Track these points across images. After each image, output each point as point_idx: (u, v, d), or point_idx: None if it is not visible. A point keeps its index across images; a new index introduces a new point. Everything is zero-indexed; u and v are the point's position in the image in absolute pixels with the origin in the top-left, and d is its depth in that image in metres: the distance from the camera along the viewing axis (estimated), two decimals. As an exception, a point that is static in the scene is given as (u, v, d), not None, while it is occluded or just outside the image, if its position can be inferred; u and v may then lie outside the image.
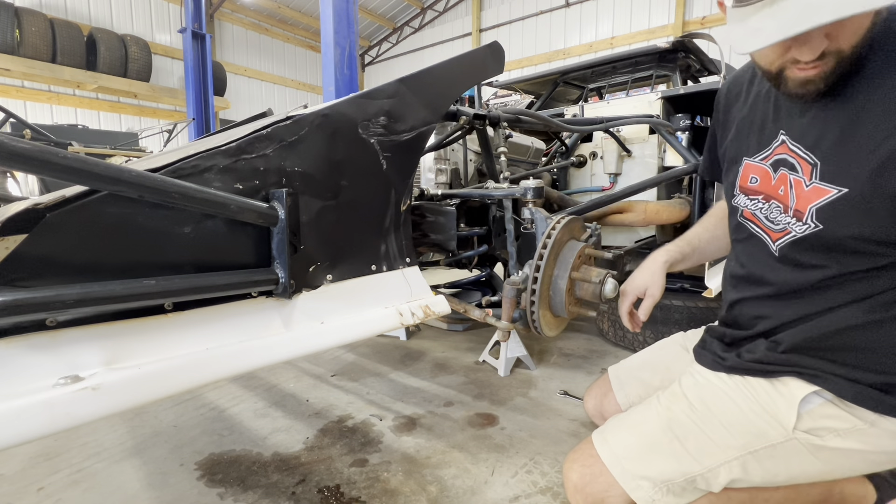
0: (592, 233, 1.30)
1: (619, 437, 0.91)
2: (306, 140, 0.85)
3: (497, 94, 6.28)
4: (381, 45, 13.16)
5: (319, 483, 1.52)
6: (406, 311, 1.00)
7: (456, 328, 3.24)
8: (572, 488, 0.90)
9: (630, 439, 0.90)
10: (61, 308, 0.56)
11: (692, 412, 0.89)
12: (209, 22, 9.08)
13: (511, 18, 10.87)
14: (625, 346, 2.76)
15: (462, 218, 1.48)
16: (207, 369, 0.70)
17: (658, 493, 0.83)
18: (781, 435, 0.82)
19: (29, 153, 0.49)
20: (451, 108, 1.34)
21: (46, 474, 1.59)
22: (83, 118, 8.04)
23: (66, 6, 8.01)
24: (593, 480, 0.87)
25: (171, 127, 6.18)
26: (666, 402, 0.94)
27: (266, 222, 0.79)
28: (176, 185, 0.64)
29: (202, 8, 6.63)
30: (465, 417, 1.95)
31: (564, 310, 1.19)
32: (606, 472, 0.87)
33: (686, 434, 0.87)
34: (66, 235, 0.60)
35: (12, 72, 6.86)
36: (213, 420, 1.97)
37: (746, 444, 0.84)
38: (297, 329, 0.83)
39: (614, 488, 0.85)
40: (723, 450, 0.84)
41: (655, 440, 0.88)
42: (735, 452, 0.83)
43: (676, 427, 0.88)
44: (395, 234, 1.03)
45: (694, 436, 0.86)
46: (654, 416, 0.92)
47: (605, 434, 0.93)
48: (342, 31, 3.42)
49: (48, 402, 0.55)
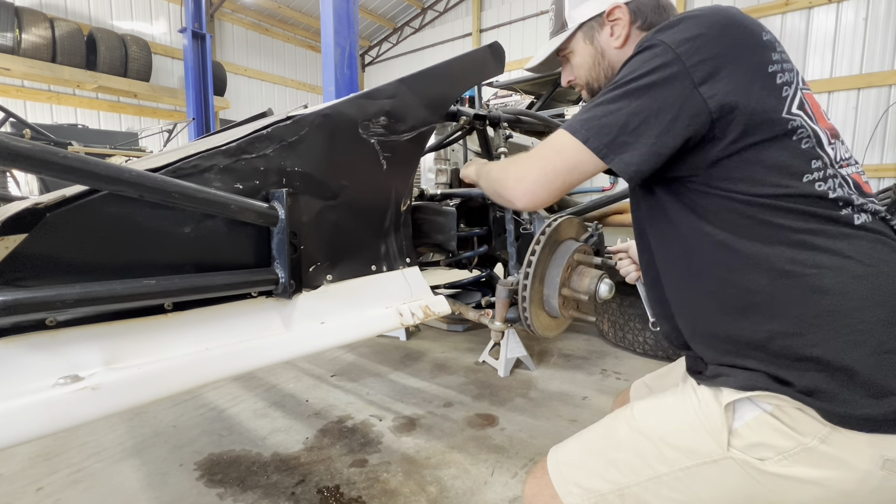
0: (593, 233, 1.30)
1: (566, 446, 0.88)
2: (306, 140, 0.85)
3: (497, 95, 6.27)
4: (382, 45, 13.16)
5: (319, 483, 1.52)
6: (406, 312, 1.00)
7: (456, 329, 3.24)
8: (525, 501, 0.87)
9: (573, 446, 0.86)
10: (61, 308, 0.56)
11: (632, 421, 0.82)
12: (209, 22, 9.07)
13: (511, 19, 10.86)
14: (625, 346, 2.76)
15: (462, 218, 1.48)
16: (207, 369, 0.70)
17: (586, 502, 0.79)
18: (716, 453, 0.70)
19: (29, 153, 0.49)
20: (452, 109, 1.34)
21: (46, 474, 1.59)
22: (83, 118, 8.04)
23: (66, 6, 8.01)
24: (540, 492, 0.84)
25: (171, 127, 6.18)
26: (616, 412, 0.88)
27: (266, 222, 0.79)
28: (176, 185, 0.64)
29: (202, 8, 6.63)
30: (464, 418, 1.95)
31: (559, 310, 1.19)
32: (552, 484, 0.83)
33: (618, 444, 0.80)
34: (66, 235, 0.60)
35: (12, 71, 6.85)
36: (213, 420, 1.97)
37: (675, 461, 0.74)
38: (297, 329, 0.83)
39: (556, 500, 0.81)
40: (649, 465, 0.76)
41: (592, 448, 0.84)
42: (663, 468, 0.74)
43: (612, 437, 0.82)
44: (395, 234, 1.03)
45: (626, 448, 0.79)
46: (600, 425, 0.87)
47: (558, 445, 0.90)
48: (342, 31, 3.42)
49: (48, 402, 0.55)
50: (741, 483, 0.70)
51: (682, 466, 0.73)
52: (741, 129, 0.68)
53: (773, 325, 0.68)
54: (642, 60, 0.72)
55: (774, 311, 0.68)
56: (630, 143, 0.71)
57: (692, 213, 0.75)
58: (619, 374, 2.45)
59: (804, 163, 0.69)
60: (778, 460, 0.67)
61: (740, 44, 0.70)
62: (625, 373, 2.47)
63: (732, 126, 0.68)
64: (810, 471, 0.65)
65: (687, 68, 0.68)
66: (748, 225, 0.70)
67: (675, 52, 0.69)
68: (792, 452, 0.66)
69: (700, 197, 0.74)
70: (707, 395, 0.75)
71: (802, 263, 0.67)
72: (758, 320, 0.70)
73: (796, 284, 0.67)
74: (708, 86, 0.68)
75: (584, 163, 0.76)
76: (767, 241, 0.69)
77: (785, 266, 0.67)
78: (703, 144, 0.71)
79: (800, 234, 0.68)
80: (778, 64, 0.71)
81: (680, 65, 0.69)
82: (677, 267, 0.81)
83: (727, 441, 0.70)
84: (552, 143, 0.80)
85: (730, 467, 0.70)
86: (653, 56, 0.71)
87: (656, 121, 0.70)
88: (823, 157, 0.70)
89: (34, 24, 6.90)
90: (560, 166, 0.78)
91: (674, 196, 0.78)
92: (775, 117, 0.69)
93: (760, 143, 0.69)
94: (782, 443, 0.67)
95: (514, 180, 0.85)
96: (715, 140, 0.70)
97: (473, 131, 1.50)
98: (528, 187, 0.82)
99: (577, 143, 0.75)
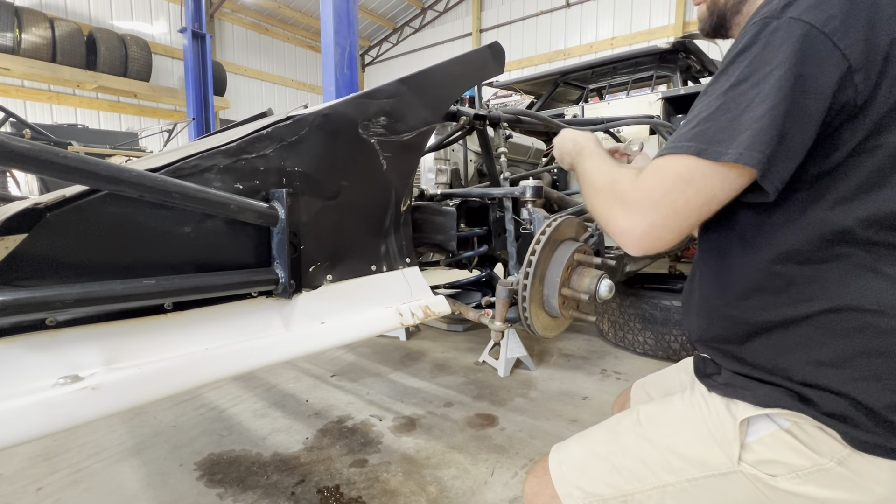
0: (593, 233, 1.30)
1: (569, 446, 0.86)
2: (306, 140, 0.85)
3: (497, 95, 6.28)
4: (382, 45, 13.17)
5: (319, 483, 1.52)
6: (406, 312, 1.00)
7: (456, 329, 3.24)
8: (525, 500, 0.86)
9: (576, 447, 0.85)
10: (61, 308, 0.56)
11: (638, 427, 0.79)
12: (209, 22, 9.07)
13: (511, 19, 10.88)
14: (625, 346, 2.76)
15: (462, 218, 1.48)
16: (207, 369, 0.70)
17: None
18: (725, 466, 0.68)
19: (29, 153, 0.49)
20: (452, 109, 1.34)
21: (46, 474, 1.59)
22: (83, 118, 8.05)
23: (66, 6, 8.01)
24: (540, 491, 0.83)
25: (171, 127, 6.18)
26: (620, 416, 0.86)
27: (266, 222, 0.79)
28: (176, 185, 0.64)
29: (202, 8, 6.64)
30: (464, 418, 1.95)
31: (559, 310, 1.18)
32: (552, 484, 0.82)
33: (623, 450, 0.78)
34: (66, 235, 0.60)
35: (12, 71, 6.86)
36: (213, 420, 1.97)
37: (682, 471, 0.72)
38: (297, 329, 0.83)
39: (556, 501, 0.80)
40: (655, 474, 0.74)
41: (596, 451, 0.82)
42: (670, 478, 0.72)
43: (616, 442, 0.80)
44: (395, 234, 1.03)
45: (631, 454, 0.77)
46: (603, 428, 0.85)
47: (560, 444, 0.89)
48: (342, 31, 3.42)
49: (48, 402, 0.55)
50: (748, 498, 0.68)
51: (688, 477, 0.71)
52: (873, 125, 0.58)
53: (810, 354, 0.64)
54: (770, 43, 0.58)
55: (817, 341, 0.63)
56: (785, 156, 0.58)
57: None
58: (619, 374, 2.45)
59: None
60: (790, 478, 0.64)
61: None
62: (625, 373, 2.47)
63: (873, 113, 0.58)
64: (823, 491, 0.63)
65: (842, 52, 0.55)
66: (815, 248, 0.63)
67: (823, 32, 0.56)
68: (806, 471, 0.63)
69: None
70: (719, 404, 0.72)
71: (864, 297, 0.60)
72: (793, 343, 0.65)
73: (850, 318, 0.61)
74: (864, 72, 0.56)
75: (727, 187, 0.60)
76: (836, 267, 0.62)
77: (845, 301, 0.61)
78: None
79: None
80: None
81: (831, 50, 0.56)
82: (716, 263, 0.76)
83: (738, 455, 0.67)
84: (678, 173, 0.62)
85: (738, 481, 0.68)
86: (787, 36, 0.57)
87: (807, 123, 0.57)
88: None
89: (34, 24, 6.91)
90: (694, 201, 0.61)
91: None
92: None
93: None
94: (797, 461, 0.64)
95: (626, 224, 0.66)
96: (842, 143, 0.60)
97: (473, 131, 1.50)
98: (648, 232, 0.64)
99: (714, 165, 0.59)
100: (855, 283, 0.61)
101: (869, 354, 0.60)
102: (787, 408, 0.65)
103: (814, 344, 0.63)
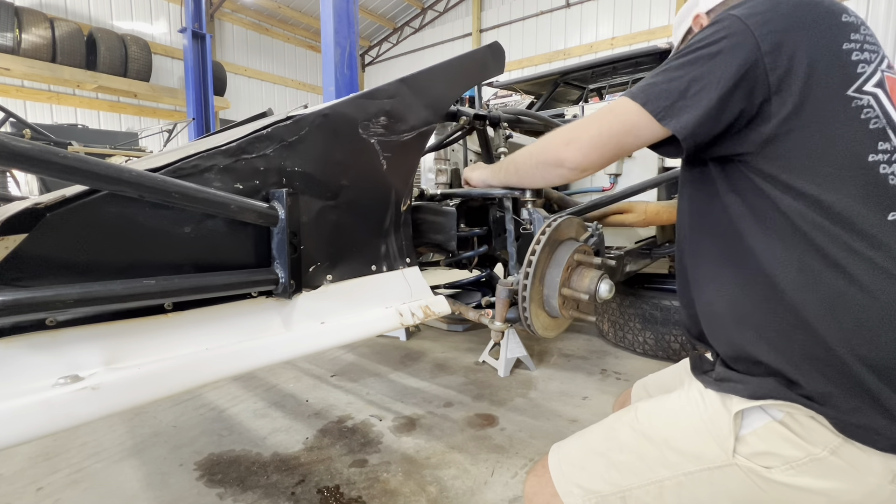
0: (593, 233, 1.30)
1: (568, 445, 0.87)
2: (306, 140, 0.85)
3: (497, 95, 6.28)
4: (382, 45, 13.17)
5: (319, 483, 1.52)
6: (406, 312, 1.00)
7: (456, 329, 3.24)
8: (525, 499, 0.86)
9: (575, 445, 0.86)
10: (61, 308, 0.56)
11: (635, 423, 0.81)
12: (209, 22, 9.07)
13: (511, 19, 10.87)
14: (625, 346, 2.76)
15: (462, 218, 1.48)
16: (207, 369, 0.70)
17: (587, 503, 0.78)
18: (720, 459, 0.70)
19: (29, 153, 0.49)
20: (452, 109, 1.33)
21: (46, 474, 1.59)
22: (83, 118, 8.04)
23: (66, 6, 8.01)
24: (541, 490, 0.83)
25: (171, 127, 6.18)
26: (618, 413, 0.88)
27: (266, 222, 0.79)
28: (176, 185, 0.64)
29: (202, 8, 6.63)
30: (464, 418, 1.95)
31: (559, 310, 1.18)
32: (552, 483, 0.82)
33: (621, 447, 0.79)
34: (66, 235, 0.60)
35: (12, 71, 6.86)
36: (213, 420, 1.97)
37: (679, 465, 0.73)
38: (297, 329, 0.83)
39: (556, 499, 0.80)
40: (652, 469, 0.75)
41: (595, 448, 0.83)
42: (666, 473, 0.73)
43: (615, 438, 0.81)
44: (395, 234, 1.03)
45: (629, 450, 0.78)
46: (602, 426, 0.86)
47: (560, 443, 0.89)
48: (342, 31, 3.42)
49: (48, 402, 0.55)
50: (744, 490, 0.69)
51: (685, 471, 0.73)
52: (797, 102, 0.66)
53: (800, 320, 0.66)
54: (711, 31, 0.72)
55: (808, 319, 0.65)
56: (688, 106, 0.70)
57: (737, 195, 0.74)
58: (619, 374, 2.45)
59: (870, 142, 0.65)
60: (784, 469, 0.66)
61: (811, 20, 0.69)
62: (625, 373, 2.47)
63: (790, 99, 0.67)
64: (817, 481, 0.64)
65: (756, 38, 0.68)
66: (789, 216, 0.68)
67: (745, 23, 0.69)
68: (800, 462, 0.65)
69: (743, 179, 0.73)
70: (714, 400, 0.73)
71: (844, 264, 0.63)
72: (782, 312, 0.67)
73: (837, 283, 0.63)
74: (771, 56, 0.67)
75: (640, 126, 0.75)
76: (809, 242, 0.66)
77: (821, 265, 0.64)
78: (758, 118, 0.69)
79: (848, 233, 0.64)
80: (857, 43, 0.70)
81: (748, 35, 0.68)
82: (709, 250, 0.80)
83: (733, 448, 0.69)
84: (609, 107, 0.79)
85: (734, 474, 0.69)
86: (721, 28, 0.71)
87: (717, 87, 0.68)
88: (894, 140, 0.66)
89: (34, 24, 6.91)
90: (616, 127, 0.77)
91: (724, 176, 0.76)
92: (840, 93, 0.67)
93: (819, 119, 0.66)
94: (791, 452, 0.66)
95: (564, 142, 0.84)
96: (771, 116, 0.68)
97: (473, 131, 1.50)
98: (581, 147, 0.81)
99: (636, 105, 0.74)
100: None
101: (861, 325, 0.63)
102: (778, 397, 0.66)
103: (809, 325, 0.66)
